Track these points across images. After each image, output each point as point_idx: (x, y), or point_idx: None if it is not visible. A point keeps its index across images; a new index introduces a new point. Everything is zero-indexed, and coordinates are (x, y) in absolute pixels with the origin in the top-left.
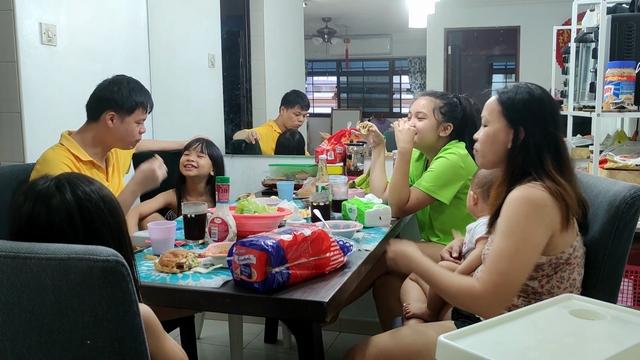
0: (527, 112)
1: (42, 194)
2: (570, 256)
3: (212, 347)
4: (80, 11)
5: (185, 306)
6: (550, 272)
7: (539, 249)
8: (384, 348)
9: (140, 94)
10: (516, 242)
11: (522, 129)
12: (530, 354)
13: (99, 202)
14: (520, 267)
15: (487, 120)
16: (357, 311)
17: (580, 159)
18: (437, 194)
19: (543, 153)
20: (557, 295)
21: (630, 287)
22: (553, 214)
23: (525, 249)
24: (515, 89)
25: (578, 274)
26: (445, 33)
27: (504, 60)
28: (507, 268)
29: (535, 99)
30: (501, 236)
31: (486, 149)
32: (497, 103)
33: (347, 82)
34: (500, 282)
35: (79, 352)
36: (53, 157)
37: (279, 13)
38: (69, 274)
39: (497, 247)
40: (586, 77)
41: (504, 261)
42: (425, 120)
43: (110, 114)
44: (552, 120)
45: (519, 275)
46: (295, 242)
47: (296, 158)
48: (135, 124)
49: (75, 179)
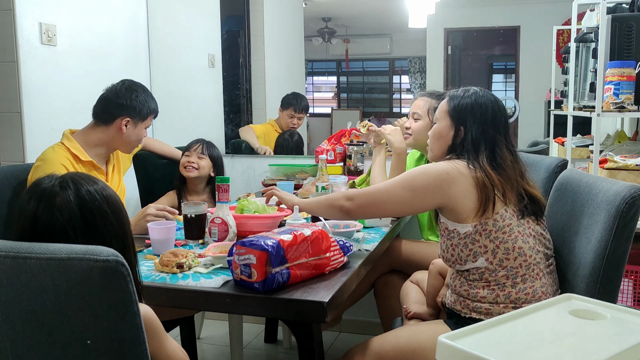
0: (469, 113)
1: (46, 193)
2: (497, 222)
3: (212, 347)
4: (80, 11)
5: (185, 306)
6: (487, 242)
7: (418, 202)
8: (379, 350)
9: (153, 101)
10: (402, 183)
11: (462, 128)
12: (530, 354)
13: (102, 203)
14: (389, 202)
15: (437, 118)
16: (358, 311)
17: (580, 159)
18: None
19: (479, 148)
20: (511, 268)
21: (630, 287)
22: (453, 183)
23: (403, 192)
24: (464, 93)
25: (524, 242)
26: (445, 33)
27: (504, 60)
28: (380, 199)
29: (478, 103)
30: (398, 175)
31: (433, 143)
32: (446, 103)
33: (347, 82)
34: (367, 205)
35: (79, 352)
36: (52, 156)
37: (279, 13)
38: (69, 274)
39: (388, 181)
40: (586, 77)
41: (383, 192)
42: (420, 121)
43: (126, 120)
44: (493, 123)
45: (382, 209)
46: (295, 242)
47: (296, 158)
48: (144, 129)
49: (79, 179)
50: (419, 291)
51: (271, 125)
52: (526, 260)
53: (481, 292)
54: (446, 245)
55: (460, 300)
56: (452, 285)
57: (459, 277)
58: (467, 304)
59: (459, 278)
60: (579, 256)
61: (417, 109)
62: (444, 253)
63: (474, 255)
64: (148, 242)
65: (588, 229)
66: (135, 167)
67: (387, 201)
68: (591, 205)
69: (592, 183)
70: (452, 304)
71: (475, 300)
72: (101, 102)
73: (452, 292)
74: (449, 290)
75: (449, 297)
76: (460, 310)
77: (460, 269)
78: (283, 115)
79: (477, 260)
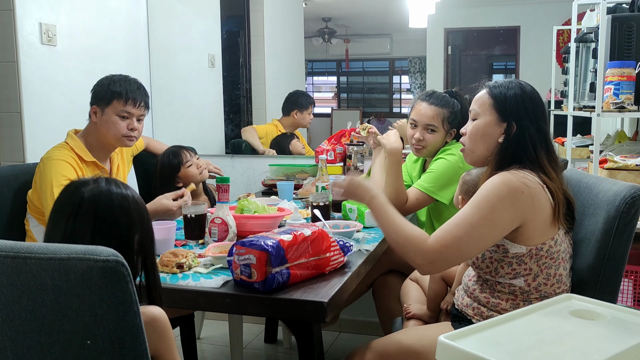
0: (520, 106)
1: (109, 181)
2: (551, 249)
3: (212, 347)
4: (80, 11)
5: (185, 306)
6: (533, 267)
7: (501, 230)
8: (382, 352)
9: (120, 84)
10: (481, 214)
11: (513, 123)
12: (530, 354)
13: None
14: (475, 238)
15: (477, 113)
16: (357, 311)
17: (581, 159)
18: (437, 195)
19: (537, 148)
20: (544, 292)
21: (630, 287)
22: (531, 203)
23: (487, 223)
24: (507, 84)
25: (564, 269)
26: (445, 33)
27: (504, 60)
28: (463, 235)
29: (527, 94)
30: (469, 205)
31: (476, 142)
32: (489, 96)
33: (347, 82)
34: (451, 245)
35: (79, 352)
36: (58, 154)
37: (279, 13)
38: (69, 273)
39: (461, 213)
40: (586, 77)
41: (463, 227)
42: (436, 132)
43: (94, 108)
44: (543, 116)
45: (471, 246)
46: (295, 242)
47: (296, 158)
48: (119, 117)
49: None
50: (419, 289)
51: (275, 125)
52: (560, 287)
53: (503, 304)
54: (484, 256)
55: (474, 306)
56: (469, 287)
57: (482, 284)
58: (481, 312)
59: (481, 284)
60: (579, 256)
61: (431, 121)
62: (477, 260)
63: (514, 275)
64: None
65: (588, 229)
66: (135, 167)
67: (472, 249)
68: (591, 206)
69: (592, 183)
70: (464, 307)
71: (492, 310)
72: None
73: (466, 294)
74: (462, 292)
75: (461, 299)
76: (472, 316)
77: (488, 278)
78: (304, 115)
79: (515, 279)
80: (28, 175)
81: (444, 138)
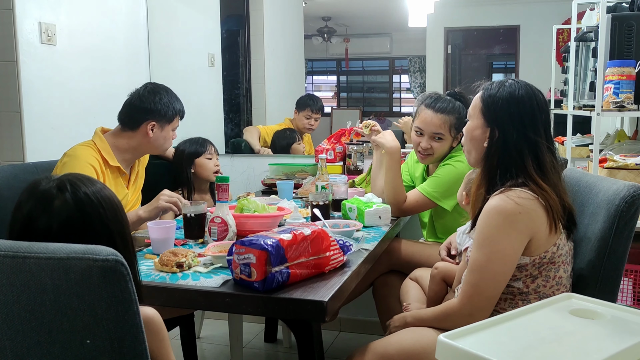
0: (504, 112)
1: (44, 195)
2: (554, 255)
3: (212, 346)
4: (80, 11)
5: (185, 306)
6: (534, 272)
7: (513, 257)
8: (383, 352)
9: (177, 101)
10: (486, 253)
11: (496, 128)
12: (530, 353)
13: (99, 206)
14: (490, 277)
15: (470, 115)
16: (357, 310)
17: (580, 158)
18: (441, 201)
19: (524, 155)
20: (543, 294)
21: (630, 286)
22: (530, 219)
23: (495, 259)
24: (499, 86)
25: (564, 272)
26: (445, 32)
27: (504, 59)
28: (478, 279)
29: (515, 99)
30: (474, 248)
31: (467, 145)
32: (479, 100)
33: (347, 81)
34: (473, 294)
35: (79, 352)
36: (81, 154)
37: (279, 12)
38: (69, 273)
39: (470, 260)
40: (586, 76)
41: (476, 273)
42: (443, 140)
43: (152, 124)
44: (532, 124)
45: (491, 285)
46: (295, 241)
47: (296, 157)
48: (172, 131)
49: (77, 180)
50: (419, 289)
51: (286, 125)
52: (559, 289)
53: (502, 303)
54: None
55: None
56: None
57: None
58: None
59: None
60: (579, 255)
61: (438, 129)
62: None
63: (513, 279)
64: (148, 242)
65: (588, 228)
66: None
67: (496, 287)
68: (591, 205)
69: (592, 182)
70: None
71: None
72: (126, 108)
73: None
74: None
75: None
76: None
77: None
78: (300, 116)
79: (514, 282)
80: (28, 175)
81: (450, 144)
